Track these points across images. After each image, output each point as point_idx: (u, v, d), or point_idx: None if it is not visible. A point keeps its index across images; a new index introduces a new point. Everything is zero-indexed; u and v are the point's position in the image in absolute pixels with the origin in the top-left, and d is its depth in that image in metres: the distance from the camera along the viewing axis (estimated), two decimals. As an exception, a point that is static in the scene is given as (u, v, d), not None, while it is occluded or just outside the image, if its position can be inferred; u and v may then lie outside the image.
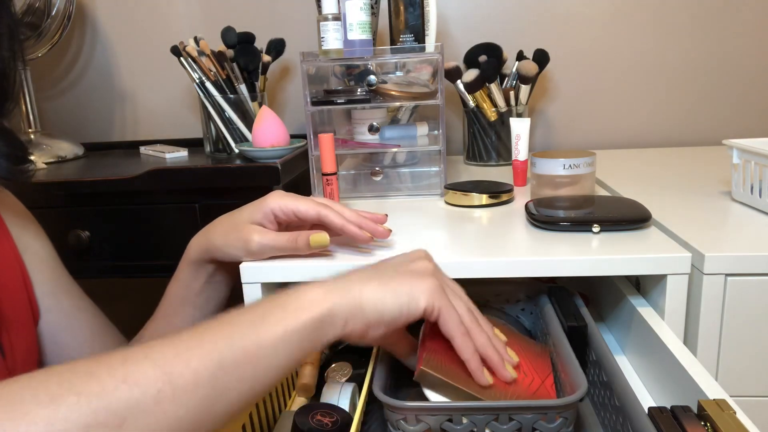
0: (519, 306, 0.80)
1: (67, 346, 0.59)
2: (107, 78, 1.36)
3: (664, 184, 0.90)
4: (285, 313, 0.40)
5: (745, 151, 0.75)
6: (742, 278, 0.60)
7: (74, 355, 0.59)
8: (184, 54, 1.08)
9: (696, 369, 0.51)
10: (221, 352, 0.36)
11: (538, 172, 0.82)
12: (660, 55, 1.25)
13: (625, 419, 0.48)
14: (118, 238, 0.99)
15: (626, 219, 0.70)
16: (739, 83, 1.25)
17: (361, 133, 0.95)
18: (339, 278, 0.45)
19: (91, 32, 1.34)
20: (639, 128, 1.29)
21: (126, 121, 1.38)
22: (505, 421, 0.49)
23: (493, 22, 1.25)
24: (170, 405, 0.33)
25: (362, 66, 0.91)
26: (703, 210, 0.76)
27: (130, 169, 0.99)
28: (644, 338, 0.62)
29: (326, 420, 0.56)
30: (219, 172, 0.94)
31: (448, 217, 0.79)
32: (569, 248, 0.64)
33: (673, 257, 0.60)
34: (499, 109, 1.10)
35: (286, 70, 1.32)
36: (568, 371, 0.55)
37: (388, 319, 0.44)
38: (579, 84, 1.28)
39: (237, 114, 1.11)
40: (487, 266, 0.62)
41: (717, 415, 0.43)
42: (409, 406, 0.49)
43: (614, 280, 0.72)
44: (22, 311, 0.55)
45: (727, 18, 1.22)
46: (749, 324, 0.61)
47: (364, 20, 0.86)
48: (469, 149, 1.16)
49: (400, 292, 0.44)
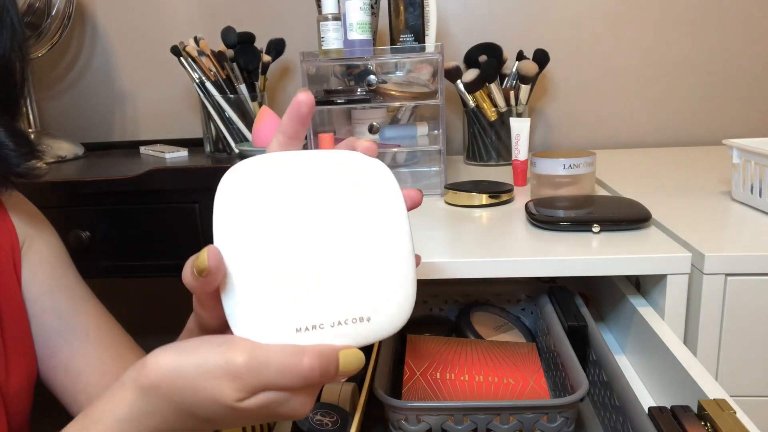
0: (519, 306, 0.80)
1: (59, 350, 0.57)
2: (107, 78, 1.36)
3: (664, 184, 0.90)
4: None
5: (745, 151, 0.75)
6: (742, 278, 0.60)
7: (65, 361, 0.58)
8: (184, 54, 1.08)
9: (696, 369, 0.51)
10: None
11: (538, 172, 0.82)
12: (660, 55, 1.25)
13: (626, 419, 0.48)
14: (118, 238, 0.99)
15: (626, 219, 0.70)
16: (739, 83, 1.25)
17: (361, 133, 0.95)
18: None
19: (91, 32, 1.34)
20: (639, 128, 1.29)
21: (126, 121, 1.38)
22: (506, 421, 0.49)
23: (493, 22, 1.25)
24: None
25: (362, 66, 0.91)
26: (703, 210, 0.76)
27: (130, 169, 0.99)
28: (644, 338, 0.62)
29: (326, 420, 0.57)
30: (219, 172, 0.93)
31: (448, 217, 0.79)
32: (569, 248, 0.64)
33: (673, 257, 0.60)
34: (499, 109, 1.10)
35: (286, 70, 1.32)
36: (569, 371, 0.55)
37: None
38: (579, 84, 1.28)
39: (237, 114, 1.11)
40: (487, 266, 0.62)
41: (717, 415, 0.43)
42: (410, 406, 0.49)
43: (614, 280, 0.72)
44: (16, 315, 0.55)
45: (727, 18, 1.22)
46: (749, 324, 0.61)
47: (364, 20, 0.86)
48: (469, 149, 1.16)
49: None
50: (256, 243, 0.35)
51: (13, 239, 0.56)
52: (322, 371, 0.33)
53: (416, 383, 0.57)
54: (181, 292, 1.50)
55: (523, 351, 0.66)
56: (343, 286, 0.35)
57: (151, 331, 1.37)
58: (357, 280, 0.35)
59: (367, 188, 0.37)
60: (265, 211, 0.36)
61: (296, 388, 0.34)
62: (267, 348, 0.33)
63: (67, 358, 0.58)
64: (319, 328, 0.34)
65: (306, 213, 0.36)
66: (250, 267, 0.35)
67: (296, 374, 0.33)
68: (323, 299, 0.35)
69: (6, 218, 0.56)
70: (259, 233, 0.35)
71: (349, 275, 0.35)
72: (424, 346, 0.66)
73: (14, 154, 0.51)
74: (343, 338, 0.35)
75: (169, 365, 0.33)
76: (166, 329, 1.38)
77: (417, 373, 0.59)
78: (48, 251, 0.59)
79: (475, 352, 0.65)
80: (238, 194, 0.36)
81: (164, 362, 0.33)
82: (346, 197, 0.37)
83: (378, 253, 0.36)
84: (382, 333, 0.36)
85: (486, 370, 0.61)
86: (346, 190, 0.37)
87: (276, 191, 0.36)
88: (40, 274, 0.58)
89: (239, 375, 0.32)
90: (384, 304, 0.35)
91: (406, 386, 0.57)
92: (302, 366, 0.32)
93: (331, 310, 0.35)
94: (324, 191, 0.36)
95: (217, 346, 0.33)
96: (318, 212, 0.36)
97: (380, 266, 0.36)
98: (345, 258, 0.35)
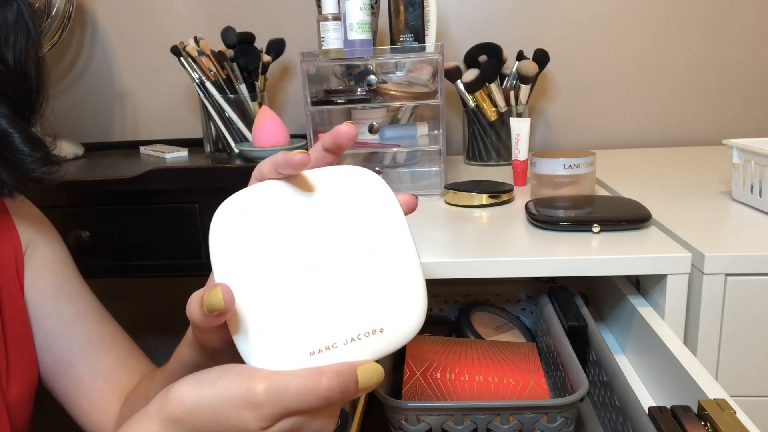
0: (519, 306, 0.80)
1: (61, 356, 0.57)
2: (107, 78, 1.36)
3: (664, 184, 0.90)
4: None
5: (745, 151, 0.75)
6: (742, 278, 0.60)
7: (67, 367, 0.57)
8: (184, 54, 1.08)
9: (696, 369, 0.51)
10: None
11: (538, 172, 0.82)
12: (660, 55, 1.25)
13: (626, 419, 0.48)
14: (118, 238, 0.99)
15: (626, 219, 0.70)
16: (739, 83, 1.25)
17: (361, 133, 0.95)
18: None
19: (91, 32, 1.34)
20: (639, 128, 1.29)
21: (126, 121, 1.38)
22: (506, 421, 0.49)
23: (493, 22, 1.25)
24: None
25: (362, 66, 0.91)
26: (703, 210, 0.76)
27: (130, 169, 0.99)
28: (644, 338, 0.62)
29: (326, 420, 0.56)
30: (219, 172, 0.94)
31: (448, 217, 0.79)
32: (569, 248, 0.64)
33: (673, 257, 0.60)
34: (499, 109, 1.10)
35: (286, 70, 1.32)
36: (569, 371, 0.55)
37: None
38: (579, 84, 1.28)
39: (237, 114, 1.11)
40: (487, 266, 0.62)
41: (717, 415, 0.43)
42: (410, 406, 0.49)
43: (614, 280, 0.72)
44: (19, 322, 0.55)
45: (727, 18, 1.22)
46: (749, 324, 0.61)
47: (364, 20, 0.86)
48: (469, 149, 1.16)
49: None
50: (256, 272, 0.35)
51: (16, 245, 0.56)
52: (341, 390, 0.33)
53: (416, 383, 0.57)
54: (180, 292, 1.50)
55: (523, 351, 0.66)
56: (351, 302, 0.35)
57: (150, 331, 1.37)
58: (364, 293, 0.35)
59: (362, 200, 0.37)
60: (262, 239, 0.35)
61: (318, 410, 0.34)
62: (285, 374, 0.33)
63: (69, 364, 0.58)
64: (333, 348, 0.34)
65: (303, 234, 0.36)
66: (254, 298, 0.34)
67: (316, 396, 0.33)
68: (333, 318, 0.34)
69: (10, 223, 0.56)
70: (258, 262, 0.35)
71: (356, 290, 0.35)
72: (424, 346, 0.66)
73: (29, 159, 0.51)
74: (359, 353, 0.34)
75: (192, 397, 0.34)
76: (166, 329, 1.38)
77: (417, 373, 0.59)
78: (52, 257, 0.59)
79: (475, 352, 0.65)
80: (231, 226, 0.36)
81: (187, 395, 0.34)
82: (342, 212, 0.36)
83: (382, 263, 0.35)
84: (398, 341, 0.35)
85: (486, 370, 0.61)
86: (340, 205, 0.36)
87: (269, 217, 0.36)
88: (43, 280, 0.57)
89: (260, 403, 0.32)
90: (395, 313, 0.35)
91: (406, 386, 0.57)
92: (321, 387, 0.32)
93: (343, 327, 0.34)
94: (317, 209, 0.36)
95: (237, 375, 0.34)
96: (315, 232, 0.36)
97: (387, 276, 0.35)
98: (350, 274, 0.35)
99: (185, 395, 0.34)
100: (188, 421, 0.34)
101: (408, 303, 0.35)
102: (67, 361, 0.58)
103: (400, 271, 0.35)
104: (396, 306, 0.35)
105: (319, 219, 0.36)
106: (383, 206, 0.37)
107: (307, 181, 0.37)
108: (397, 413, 0.50)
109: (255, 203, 0.36)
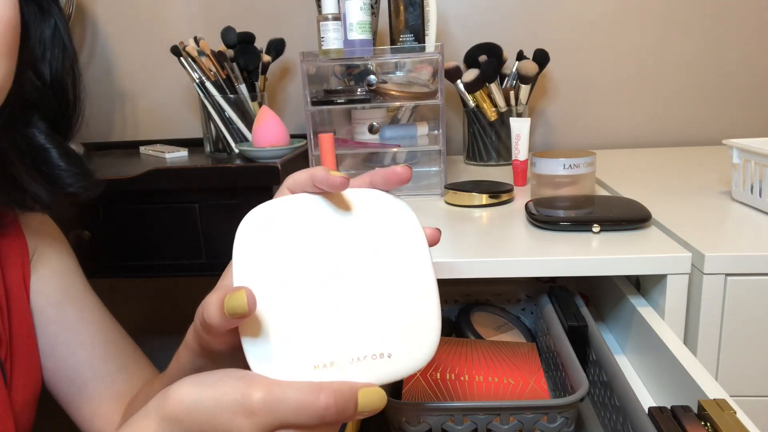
0: (519, 306, 0.80)
1: (65, 361, 0.57)
2: (107, 78, 1.36)
3: (664, 184, 0.90)
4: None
5: (745, 151, 0.75)
6: (742, 278, 0.60)
7: (71, 372, 0.57)
8: (184, 54, 1.08)
9: (696, 369, 0.51)
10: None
11: (538, 172, 0.82)
12: (660, 55, 1.25)
13: (626, 419, 0.48)
14: (118, 238, 0.99)
15: (626, 219, 0.70)
16: (739, 83, 1.25)
17: (361, 133, 0.95)
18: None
19: (91, 32, 1.34)
20: (639, 128, 1.29)
21: (126, 121, 1.38)
22: (506, 421, 0.49)
23: (493, 22, 1.25)
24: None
25: (362, 66, 0.91)
26: (703, 210, 0.76)
27: (130, 169, 0.99)
28: (644, 338, 0.62)
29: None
30: (219, 172, 0.94)
31: (448, 217, 0.79)
32: (569, 248, 0.64)
33: (673, 257, 0.60)
34: (499, 109, 1.10)
35: (286, 70, 1.32)
36: (569, 371, 0.55)
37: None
38: (579, 84, 1.28)
39: (237, 114, 1.11)
40: (487, 266, 0.62)
41: (717, 415, 0.43)
42: (410, 406, 0.49)
43: (614, 280, 0.72)
44: (25, 329, 0.55)
45: (727, 18, 1.22)
46: (749, 324, 0.61)
47: (364, 20, 0.86)
48: (469, 149, 1.16)
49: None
50: (277, 280, 0.35)
51: (23, 251, 0.56)
52: (338, 410, 0.32)
53: (416, 383, 0.57)
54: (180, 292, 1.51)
55: (523, 351, 0.66)
56: (363, 322, 0.35)
57: (151, 331, 1.37)
58: (378, 317, 0.35)
59: (389, 226, 0.37)
60: (286, 249, 0.36)
61: (312, 426, 0.33)
62: (284, 385, 0.33)
63: (73, 369, 0.58)
64: (337, 365, 0.34)
65: (327, 250, 0.36)
66: (270, 305, 0.34)
67: (312, 412, 0.32)
68: (341, 336, 0.34)
69: (18, 228, 0.56)
70: (281, 271, 0.35)
71: (370, 312, 0.35)
72: None
73: (66, 174, 0.51)
74: (364, 375, 0.34)
75: (191, 398, 0.33)
76: (166, 329, 1.38)
77: (417, 374, 0.59)
78: (58, 262, 0.59)
79: (475, 352, 0.65)
80: (259, 232, 0.36)
81: (186, 395, 0.34)
82: (368, 235, 0.37)
83: (401, 290, 0.35)
84: (405, 370, 0.35)
85: (486, 370, 0.61)
86: (367, 228, 0.37)
87: (297, 229, 0.36)
88: (49, 286, 0.57)
89: (255, 412, 0.32)
90: (407, 341, 0.35)
91: (406, 386, 0.57)
92: (318, 404, 0.32)
93: (350, 346, 0.34)
94: (345, 229, 0.37)
95: (236, 380, 0.33)
96: (339, 250, 0.36)
97: (403, 304, 0.35)
98: (366, 295, 0.35)
99: (185, 395, 0.34)
100: (185, 421, 0.34)
101: (420, 334, 0.35)
102: (71, 366, 0.57)
103: (417, 301, 0.35)
104: (408, 335, 0.35)
105: (345, 238, 0.36)
106: (409, 235, 0.37)
107: (343, 200, 0.38)
108: (397, 413, 0.50)
109: (286, 213, 0.37)
